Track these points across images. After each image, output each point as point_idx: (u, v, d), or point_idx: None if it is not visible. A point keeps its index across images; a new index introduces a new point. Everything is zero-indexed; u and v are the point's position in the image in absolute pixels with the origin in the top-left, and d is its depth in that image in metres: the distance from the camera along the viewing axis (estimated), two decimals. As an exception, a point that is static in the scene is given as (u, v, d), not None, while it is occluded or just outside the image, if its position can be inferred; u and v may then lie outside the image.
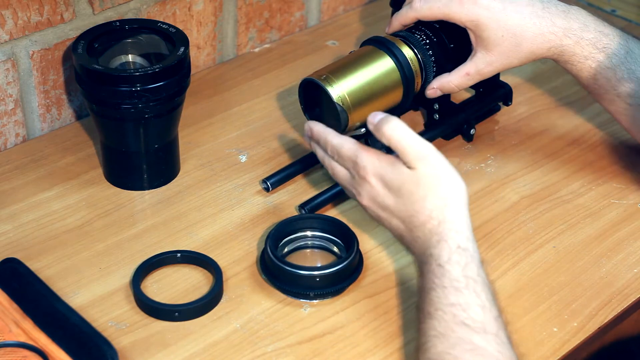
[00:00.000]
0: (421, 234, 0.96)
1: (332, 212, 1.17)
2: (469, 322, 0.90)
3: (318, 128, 1.07)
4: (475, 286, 0.92)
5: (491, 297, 0.92)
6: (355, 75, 1.15)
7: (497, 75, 1.29)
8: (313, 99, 1.18)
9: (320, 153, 1.07)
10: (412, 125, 1.29)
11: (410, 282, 1.08)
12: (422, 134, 1.24)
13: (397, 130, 0.98)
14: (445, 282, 0.92)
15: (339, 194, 1.18)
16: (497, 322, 0.91)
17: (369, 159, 1.00)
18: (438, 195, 0.96)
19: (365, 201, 1.02)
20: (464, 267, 0.93)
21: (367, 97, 1.15)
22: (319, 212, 1.16)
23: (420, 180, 0.97)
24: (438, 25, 1.20)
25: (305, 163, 1.22)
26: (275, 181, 1.19)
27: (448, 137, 1.28)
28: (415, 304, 1.05)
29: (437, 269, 0.93)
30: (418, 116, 1.32)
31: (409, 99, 1.19)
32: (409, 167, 0.97)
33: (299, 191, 1.20)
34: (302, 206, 1.16)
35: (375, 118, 1.00)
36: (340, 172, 1.05)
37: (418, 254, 0.98)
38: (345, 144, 1.03)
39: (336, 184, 1.18)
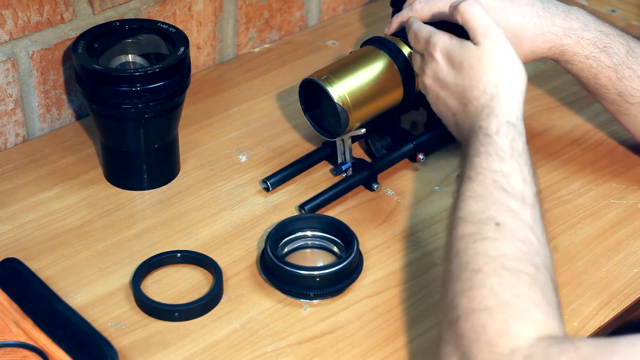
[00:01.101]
0: (472, 108, 0.99)
1: (332, 212, 1.17)
2: (509, 188, 0.91)
3: (411, 19, 1.12)
4: (520, 159, 0.94)
5: (533, 174, 0.94)
6: (356, 76, 1.15)
7: None
8: (313, 99, 1.18)
9: (412, 41, 1.11)
10: (412, 125, 1.29)
11: (410, 282, 1.08)
12: (422, 134, 1.24)
13: (471, 7, 1.03)
14: (490, 149, 0.94)
15: (339, 194, 1.18)
16: (536, 197, 0.92)
17: (441, 37, 1.05)
18: (495, 72, 0.99)
19: (428, 80, 1.06)
20: (512, 140, 0.95)
21: (367, 97, 1.15)
22: (319, 212, 1.16)
23: (482, 56, 1.00)
24: (438, 25, 1.20)
25: (305, 163, 1.22)
26: (275, 181, 1.19)
27: (448, 137, 1.28)
28: (413, 305, 1.05)
29: (484, 138, 0.95)
30: (418, 116, 1.32)
31: (409, 99, 1.19)
32: (475, 44, 1.01)
33: (299, 191, 1.20)
34: (302, 206, 1.16)
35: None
36: (416, 58, 1.09)
37: (466, 129, 1.00)
38: (424, 27, 1.08)
39: (336, 184, 1.18)
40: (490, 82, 0.99)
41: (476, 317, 0.84)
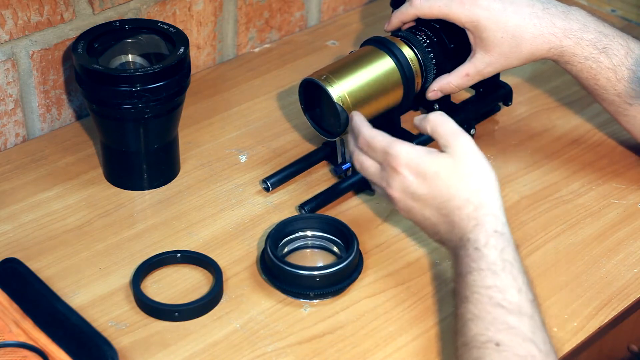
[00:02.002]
0: (457, 219, 0.97)
1: (332, 212, 1.17)
2: (505, 303, 0.91)
3: (357, 119, 1.07)
4: (512, 269, 0.93)
5: (527, 281, 0.93)
6: (356, 76, 1.15)
7: (497, 76, 1.29)
8: (313, 99, 1.18)
9: (351, 145, 1.08)
10: (412, 126, 1.29)
11: (410, 282, 1.08)
12: (417, 135, 1.24)
13: (442, 117, 1.00)
14: (482, 265, 0.93)
15: (338, 194, 1.18)
16: (533, 305, 0.92)
17: (402, 148, 1.01)
18: (474, 180, 0.97)
19: (395, 193, 1.01)
20: (501, 251, 0.94)
21: (367, 97, 1.15)
22: (319, 212, 1.16)
23: (457, 164, 0.98)
24: (438, 26, 1.20)
25: (305, 163, 1.22)
26: (275, 181, 1.19)
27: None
28: (413, 305, 1.05)
29: (474, 253, 0.94)
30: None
31: (409, 99, 1.19)
32: (447, 153, 0.99)
33: (299, 191, 1.20)
34: (302, 206, 1.16)
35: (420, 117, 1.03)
36: (370, 167, 1.04)
37: (454, 240, 0.98)
38: (378, 135, 1.04)
39: (336, 184, 1.18)
40: (471, 190, 0.97)
41: None
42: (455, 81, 1.19)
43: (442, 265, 1.10)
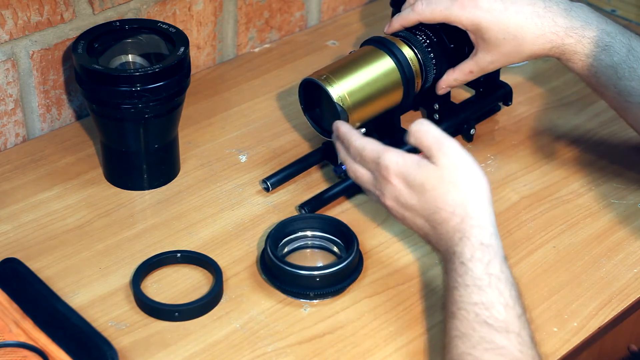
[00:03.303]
0: (444, 232, 0.96)
1: (332, 212, 1.17)
2: (491, 321, 0.90)
3: (344, 129, 1.07)
4: (499, 284, 0.92)
5: (515, 294, 0.92)
6: (356, 75, 1.15)
7: (497, 75, 1.30)
8: (313, 99, 1.18)
9: (342, 154, 1.07)
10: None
11: (410, 282, 1.08)
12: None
13: (422, 126, 0.99)
14: (467, 280, 0.92)
15: (338, 194, 1.18)
16: (520, 320, 0.91)
17: (392, 158, 1.00)
18: (460, 190, 0.96)
19: (389, 202, 1.01)
20: (487, 265, 0.93)
21: (367, 97, 1.15)
22: (318, 212, 1.16)
23: (442, 175, 0.96)
24: (438, 26, 1.20)
25: (305, 163, 1.22)
26: (275, 181, 1.19)
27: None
28: (413, 305, 1.05)
29: (460, 267, 0.93)
30: (418, 116, 1.32)
31: (409, 99, 1.19)
32: (432, 163, 0.97)
33: (299, 191, 1.20)
34: (302, 206, 1.16)
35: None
36: (363, 175, 1.04)
37: (442, 252, 0.98)
38: (367, 145, 1.03)
39: (336, 184, 1.18)
40: (457, 202, 0.95)
41: None
42: (460, 77, 1.20)
43: (442, 266, 1.10)
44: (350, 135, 1.05)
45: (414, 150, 1.00)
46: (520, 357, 0.88)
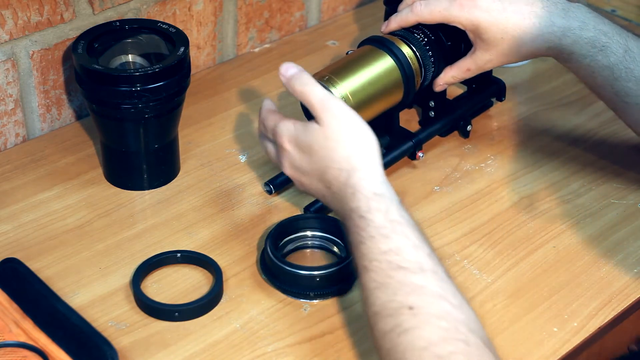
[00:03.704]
0: (337, 190, 0.97)
1: (332, 212, 1.17)
2: (405, 264, 0.90)
3: (263, 103, 1.08)
4: (402, 228, 0.92)
5: (420, 235, 0.93)
6: (357, 76, 1.15)
7: (490, 72, 1.30)
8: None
9: (259, 133, 1.09)
10: (408, 123, 1.29)
11: (410, 282, 1.08)
12: (420, 131, 1.24)
13: (305, 86, 1.00)
14: (371, 232, 0.92)
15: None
16: (432, 258, 0.91)
17: (285, 124, 1.02)
18: (344, 146, 0.98)
19: (288, 171, 1.04)
20: (386, 213, 0.93)
21: (369, 97, 1.15)
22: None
23: (327, 133, 0.98)
24: (435, 24, 1.20)
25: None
26: (278, 183, 1.19)
27: (444, 134, 1.28)
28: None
29: (360, 221, 0.93)
30: (412, 114, 1.32)
31: (409, 97, 1.19)
32: (318, 123, 0.99)
33: (298, 191, 1.20)
34: (307, 208, 1.16)
35: (288, 72, 1.02)
36: (269, 148, 1.07)
37: (341, 212, 0.98)
38: (269, 116, 1.05)
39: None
40: (342, 157, 0.97)
41: None
42: (458, 74, 1.21)
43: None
44: (261, 110, 1.07)
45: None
46: (442, 293, 0.88)
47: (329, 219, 1.11)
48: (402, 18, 1.19)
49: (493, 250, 1.12)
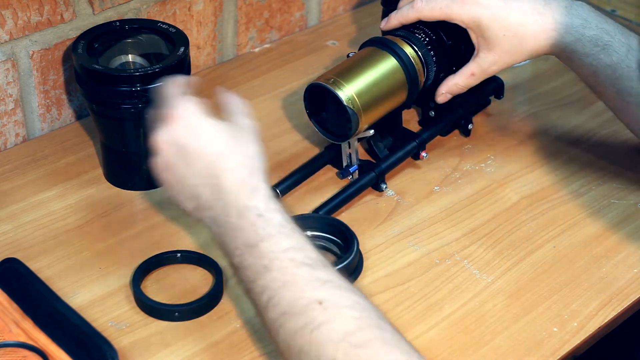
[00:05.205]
0: (229, 184, 0.92)
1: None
2: (308, 261, 0.88)
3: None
4: (296, 229, 0.91)
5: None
6: (362, 77, 1.14)
7: None
8: (318, 103, 1.17)
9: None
10: (407, 123, 1.29)
11: (410, 282, 1.08)
12: (423, 131, 1.24)
13: (167, 88, 0.98)
14: (271, 230, 0.90)
15: (350, 197, 1.17)
16: (322, 258, 0.90)
17: (192, 102, 0.99)
18: (252, 147, 0.96)
19: (163, 145, 0.96)
20: (283, 214, 0.92)
21: (374, 98, 1.15)
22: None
23: (236, 133, 0.97)
24: (435, 23, 1.20)
25: (311, 168, 1.21)
26: (284, 188, 1.18)
27: (445, 133, 1.28)
28: (413, 305, 1.05)
29: (258, 220, 0.91)
30: (412, 114, 1.32)
31: (413, 97, 1.19)
32: (230, 122, 0.98)
33: (298, 191, 1.20)
34: (315, 211, 1.15)
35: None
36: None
37: (227, 208, 0.92)
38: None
39: (347, 187, 1.17)
40: (246, 156, 0.94)
41: None
42: (463, 82, 1.19)
43: (442, 265, 1.10)
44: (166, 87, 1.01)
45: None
46: (347, 287, 0.87)
47: (329, 219, 1.11)
48: (403, 15, 1.19)
49: (493, 250, 1.12)
